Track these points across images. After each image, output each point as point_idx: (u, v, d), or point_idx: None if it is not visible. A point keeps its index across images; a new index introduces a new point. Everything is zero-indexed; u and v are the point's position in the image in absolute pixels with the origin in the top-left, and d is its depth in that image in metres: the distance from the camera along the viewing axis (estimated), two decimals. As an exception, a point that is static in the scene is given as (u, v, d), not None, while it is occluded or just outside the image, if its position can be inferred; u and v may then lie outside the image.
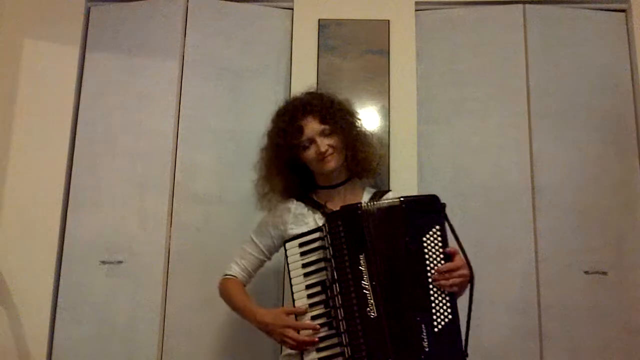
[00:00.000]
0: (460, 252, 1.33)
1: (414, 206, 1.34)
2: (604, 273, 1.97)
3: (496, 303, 1.95)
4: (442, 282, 1.29)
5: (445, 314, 1.27)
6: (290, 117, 1.55)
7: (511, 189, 2.04)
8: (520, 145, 2.08)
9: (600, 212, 2.02)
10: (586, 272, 1.97)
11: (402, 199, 1.34)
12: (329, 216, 1.39)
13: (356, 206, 1.34)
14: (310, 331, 1.32)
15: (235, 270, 1.58)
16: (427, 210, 1.33)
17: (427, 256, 1.30)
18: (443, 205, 1.34)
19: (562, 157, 2.06)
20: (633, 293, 1.96)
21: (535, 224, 2.01)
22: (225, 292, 1.56)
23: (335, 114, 1.55)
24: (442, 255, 1.31)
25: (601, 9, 2.21)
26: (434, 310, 1.27)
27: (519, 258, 1.99)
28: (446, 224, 1.33)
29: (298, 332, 1.33)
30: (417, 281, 1.29)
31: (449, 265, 1.30)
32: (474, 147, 2.10)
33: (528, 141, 2.08)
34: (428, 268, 1.30)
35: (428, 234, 1.31)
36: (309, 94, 1.63)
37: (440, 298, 1.28)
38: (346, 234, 1.32)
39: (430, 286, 1.29)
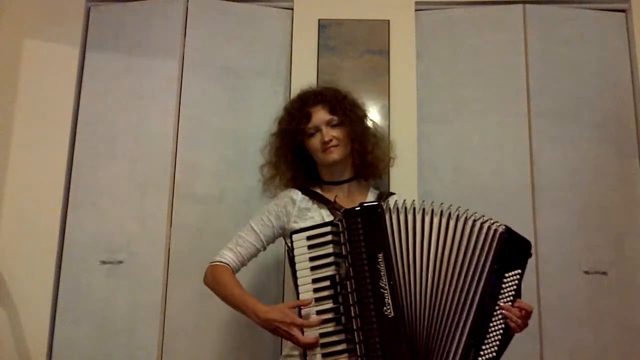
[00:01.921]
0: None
1: (514, 241, 1.33)
2: (604, 273, 1.97)
3: (496, 303, 1.95)
4: (515, 315, 1.29)
5: (494, 348, 1.27)
6: (301, 103, 1.58)
7: (511, 189, 2.04)
8: (520, 145, 2.08)
9: (600, 212, 2.02)
10: (586, 272, 1.97)
11: (506, 227, 1.33)
12: (347, 212, 1.35)
13: (377, 204, 1.33)
14: (316, 328, 1.29)
15: (229, 257, 1.50)
16: (519, 250, 1.34)
17: (502, 291, 1.30)
18: (531, 254, 1.36)
19: (562, 157, 2.06)
20: (633, 293, 1.96)
21: (535, 224, 2.01)
22: (216, 281, 1.47)
23: (346, 108, 1.56)
24: (512, 297, 1.31)
25: (601, 9, 2.21)
26: (486, 341, 1.27)
27: (519, 258, 1.99)
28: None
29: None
30: (483, 308, 1.28)
31: (526, 305, 1.32)
32: (474, 147, 2.10)
33: (528, 141, 2.08)
34: (499, 302, 1.29)
35: (511, 272, 1.32)
36: (324, 87, 1.65)
37: (496, 332, 1.28)
38: (365, 232, 1.30)
39: (494, 319, 1.28)
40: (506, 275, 1.31)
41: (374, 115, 2.09)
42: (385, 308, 1.26)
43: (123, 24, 2.21)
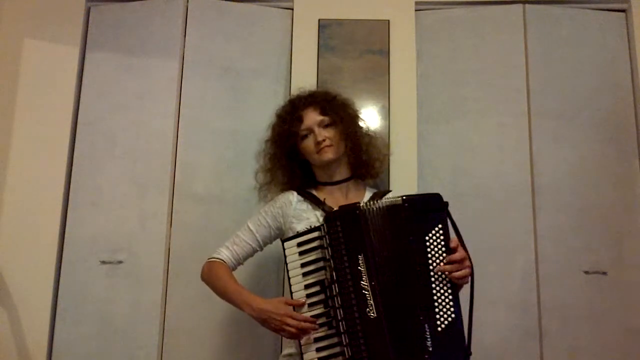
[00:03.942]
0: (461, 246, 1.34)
1: (417, 205, 1.33)
2: (604, 273, 1.97)
3: (496, 303, 1.95)
4: (455, 273, 1.29)
5: (448, 312, 1.27)
6: (292, 107, 1.60)
7: (511, 189, 2.04)
8: (520, 145, 2.08)
9: (600, 212, 2.02)
10: (586, 272, 1.97)
11: (404, 197, 1.34)
12: (327, 216, 1.38)
13: (355, 206, 1.35)
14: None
15: (225, 255, 1.53)
16: (429, 209, 1.33)
17: (430, 255, 1.30)
18: (445, 204, 1.34)
19: (562, 157, 2.06)
20: (633, 293, 1.96)
21: (535, 224, 2.01)
22: (212, 275, 1.50)
23: (336, 107, 1.58)
24: (444, 254, 1.31)
25: (601, 9, 2.21)
26: (437, 310, 1.27)
27: (519, 258, 1.99)
28: (449, 223, 1.33)
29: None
30: (420, 280, 1.29)
31: (456, 256, 1.30)
32: (474, 147, 2.10)
33: (528, 141, 2.08)
34: (431, 267, 1.30)
35: (431, 232, 1.31)
36: (314, 90, 1.67)
37: (443, 297, 1.28)
38: (345, 235, 1.32)
39: (433, 285, 1.29)
40: (427, 238, 1.31)
41: (374, 115, 2.09)
42: (368, 309, 1.28)
43: (123, 24, 2.21)
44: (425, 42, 2.19)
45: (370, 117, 2.07)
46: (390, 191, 1.64)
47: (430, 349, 1.24)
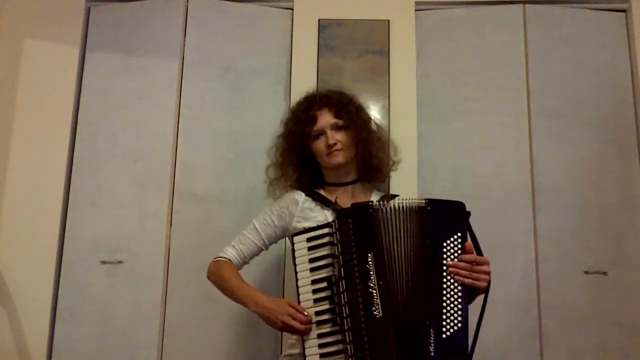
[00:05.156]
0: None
1: (440, 210, 1.32)
2: (604, 273, 1.97)
3: (496, 303, 1.94)
4: (464, 270, 1.27)
5: (456, 321, 1.25)
6: (307, 106, 1.59)
7: (511, 189, 2.04)
8: (520, 145, 2.08)
9: (600, 212, 2.02)
10: (586, 272, 1.97)
11: (427, 200, 1.33)
12: (339, 213, 1.38)
13: (368, 204, 1.34)
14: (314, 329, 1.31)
15: (231, 253, 1.53)
16: (451, 216, 1.32)
17: (444, 261, 1.29)
18: (468, 214, 1.32)
19: (562, 157, 2.06)
20: (633, 293, 1.96)
21: (535, 224, 2.01)
22: (218, 274, 1.50)
23: (351, 111, 1.57)
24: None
25: (601, 9, 2.21)
26: (444, 316, 1.25)
27: (519, 258, 1.99)
28: (468, 233, 1.32)
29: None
30: (431, 285, 1.28)
31: (468, 256, 1.29)
32: (474, 147, 2.10)
33: (528, 141, 2.08)
34: (444, 274, 1.28)
35: (449, 239, 1.30)
36: (330, 89, 1.66)
37: (452, 305, 1.26)
38: (355, 232, 1.32)
39: (444, 292, 1.27)
40: (444, 244, 1.30)
41: (374, 115, 2.09)
42: (374, 308, 1.27)
43: (123, 24, 2.21)
44: (425, 42, 2.19)
45: (373, 120, 2.07)
46: (398, 195, 1.63)
47: (432, 354, 1.23)
